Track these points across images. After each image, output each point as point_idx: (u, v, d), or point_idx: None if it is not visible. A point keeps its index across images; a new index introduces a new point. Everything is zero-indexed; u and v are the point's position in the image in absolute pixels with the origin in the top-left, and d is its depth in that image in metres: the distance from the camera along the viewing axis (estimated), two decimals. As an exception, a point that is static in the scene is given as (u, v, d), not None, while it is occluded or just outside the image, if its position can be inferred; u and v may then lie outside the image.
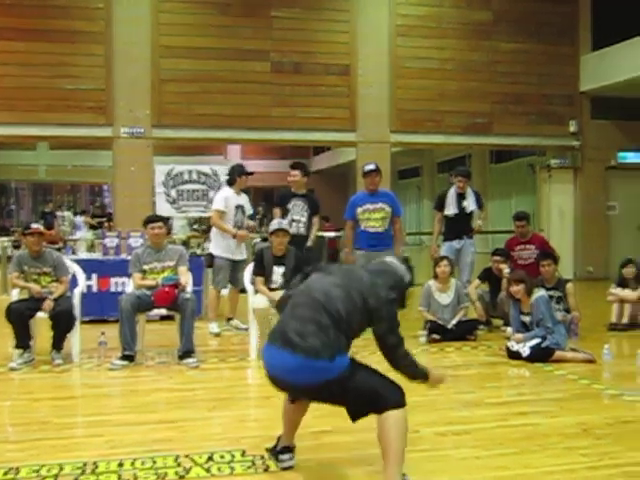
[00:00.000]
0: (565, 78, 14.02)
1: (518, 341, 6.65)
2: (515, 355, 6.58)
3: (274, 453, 3.87)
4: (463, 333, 7.65)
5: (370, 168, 8.04)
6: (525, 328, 6.79)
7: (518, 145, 14.57)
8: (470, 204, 8.62)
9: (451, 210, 8.61)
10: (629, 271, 8.48)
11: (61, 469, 3.77)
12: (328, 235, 13.31)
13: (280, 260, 6.92)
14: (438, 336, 7.54)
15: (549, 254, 8.01)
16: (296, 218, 8.09)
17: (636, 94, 13.95)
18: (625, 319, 8.28)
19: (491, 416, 4.82)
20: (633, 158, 14.52)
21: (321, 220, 9.29)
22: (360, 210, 7.98)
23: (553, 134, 14.05)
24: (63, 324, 6.43)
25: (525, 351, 6.52)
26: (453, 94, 13.38)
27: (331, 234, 13.46)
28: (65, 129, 11.90)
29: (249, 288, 7.09)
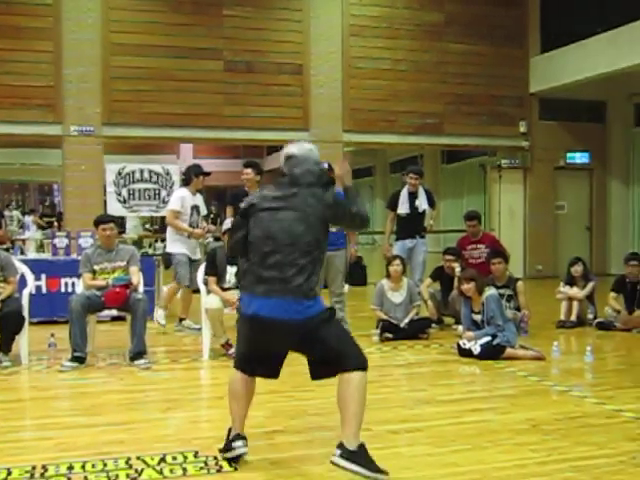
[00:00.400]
0: (515, 80, 14.22)
1: (469, 339, 6.72)
2: (466, 353, 6.65)
3: (227, 443, 3.83)
4: (415, 332, 7.70)
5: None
6: (476, 326, 6.87)
7: (469, 145, 14.71)
8: (422, 203, 8.68)
9: (404, 209, 8.65)
10: (577, 270, 8.64)
11: (9, 473, 3.69)
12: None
13: (233, 260, 6.87)
14: (391, 335, 7.58)
15: (500, 253, 8.13)
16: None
17: (583, 96, 14.27)
18: (573, 317, 8.43)
19: (443, 413, 4.87)
20: (580, 159, 14.83)
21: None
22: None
23: (503, 135, 14.24)
24: (11, 325, 6.30)
25: (476, 349, 6.60)
26: (405, 94, 13.47)
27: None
28: (12, 126, 11.61)
29: (202, 288, 7.04)
